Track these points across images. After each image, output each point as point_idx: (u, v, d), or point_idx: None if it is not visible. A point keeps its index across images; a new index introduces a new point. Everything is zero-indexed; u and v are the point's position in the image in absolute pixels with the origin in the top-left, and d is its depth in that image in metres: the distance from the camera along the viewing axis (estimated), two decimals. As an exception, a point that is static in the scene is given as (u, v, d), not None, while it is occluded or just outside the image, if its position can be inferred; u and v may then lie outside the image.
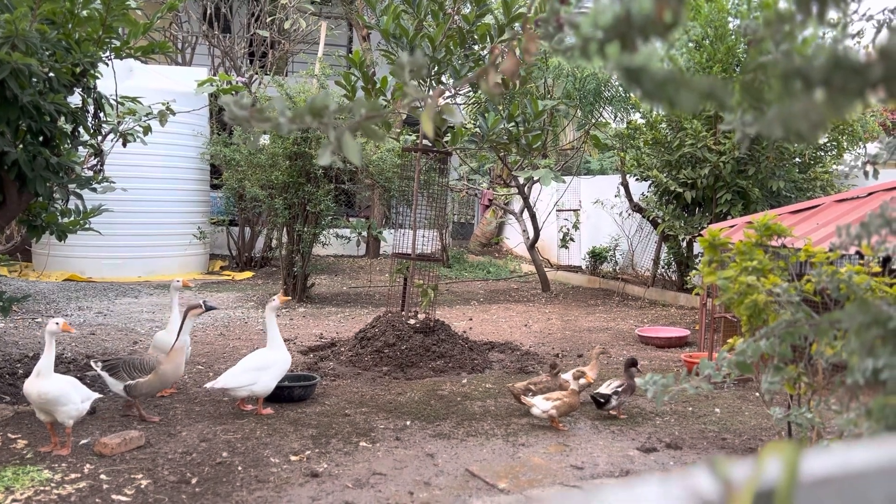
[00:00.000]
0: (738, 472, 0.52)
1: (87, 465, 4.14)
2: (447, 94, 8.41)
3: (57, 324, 4.36)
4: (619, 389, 5.25)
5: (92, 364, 5.03)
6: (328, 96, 0.90)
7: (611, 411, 5.31)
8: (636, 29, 1.11)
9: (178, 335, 5.01)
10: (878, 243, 1.96)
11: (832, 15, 1.16)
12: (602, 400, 5.24)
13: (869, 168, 1.92)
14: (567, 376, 5.41)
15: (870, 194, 6.17)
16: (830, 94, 0.87)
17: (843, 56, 0.83)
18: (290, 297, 5.29)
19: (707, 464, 0.53)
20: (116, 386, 4.82)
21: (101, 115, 5.69)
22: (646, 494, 0.50)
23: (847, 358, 1.57)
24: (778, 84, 0.88)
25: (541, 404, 4.93)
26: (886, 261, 4.60)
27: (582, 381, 5.16)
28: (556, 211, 14.36)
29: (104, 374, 4.86)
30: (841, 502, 0.52)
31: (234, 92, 6.42)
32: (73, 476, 3.99)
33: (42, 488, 3.82)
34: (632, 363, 5.51)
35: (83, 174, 5.71)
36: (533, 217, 12.44)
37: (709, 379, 1.80)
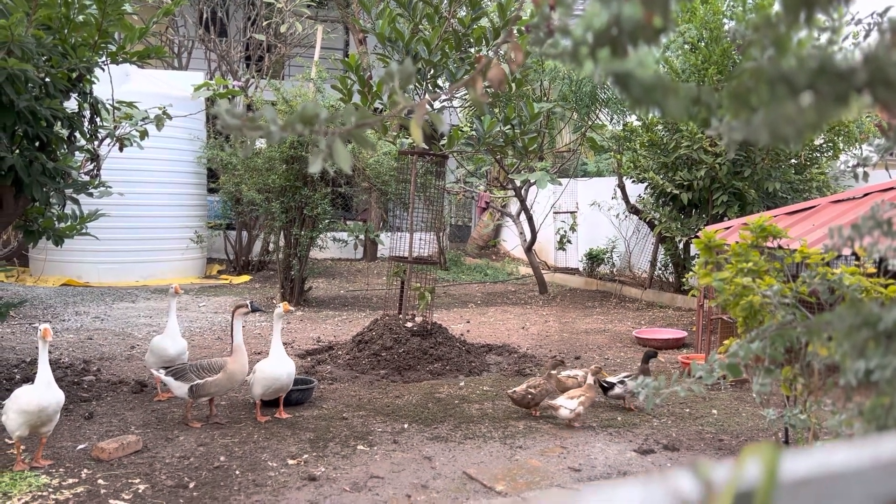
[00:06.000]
0: (720, 474, 0.52)
1: (85, 470, 4.14)
2: (443, 97, 8.42)
3: (38, 329, 4.22)
4: (626, 378, 5.46)
5: (154, 372, 5.26)
6: (319, 104, 0.90)
7: (621, 403, 5.59)
8: (626, 34, 1.12)
9: (232, 336, 5.14)
10: (870, 245, 1.97)
11: (823, 18, 1.18)
12: (606, 385, 5.47)
13: (859, 171, 1.93)
14: (586, 374, 5.52)
15: (865, 195, 6.19)
16: (816, 99, 0.88)
17: (828, 61, 0.84)
18: (290, 308, 5.40)
19: (689, 466, 0.54)
20: (181, 388, 4.98)
21: (98, 119, 5.69)
22: (628, 496, 0.51)
23: (839, 359, 1.58)
24: (764, 90, 0.89)
25: (568, 404, 5.05)
26: (882, 261, 4.61)
27: (598, 375, 5.36)
28: (553, 213, 14.37)
29: (169, 379, 5.03)
30: (819, 503, 0.53)
31: (230, 96, 6.42)
32: (70, 481, 3.99)
33: (40, 493, 3.82)
34: (652, 355, 5.69)
35: (80, 179, 5.71)
36: (530, 219, 12.45)
37: (701, 381, 1.81)
